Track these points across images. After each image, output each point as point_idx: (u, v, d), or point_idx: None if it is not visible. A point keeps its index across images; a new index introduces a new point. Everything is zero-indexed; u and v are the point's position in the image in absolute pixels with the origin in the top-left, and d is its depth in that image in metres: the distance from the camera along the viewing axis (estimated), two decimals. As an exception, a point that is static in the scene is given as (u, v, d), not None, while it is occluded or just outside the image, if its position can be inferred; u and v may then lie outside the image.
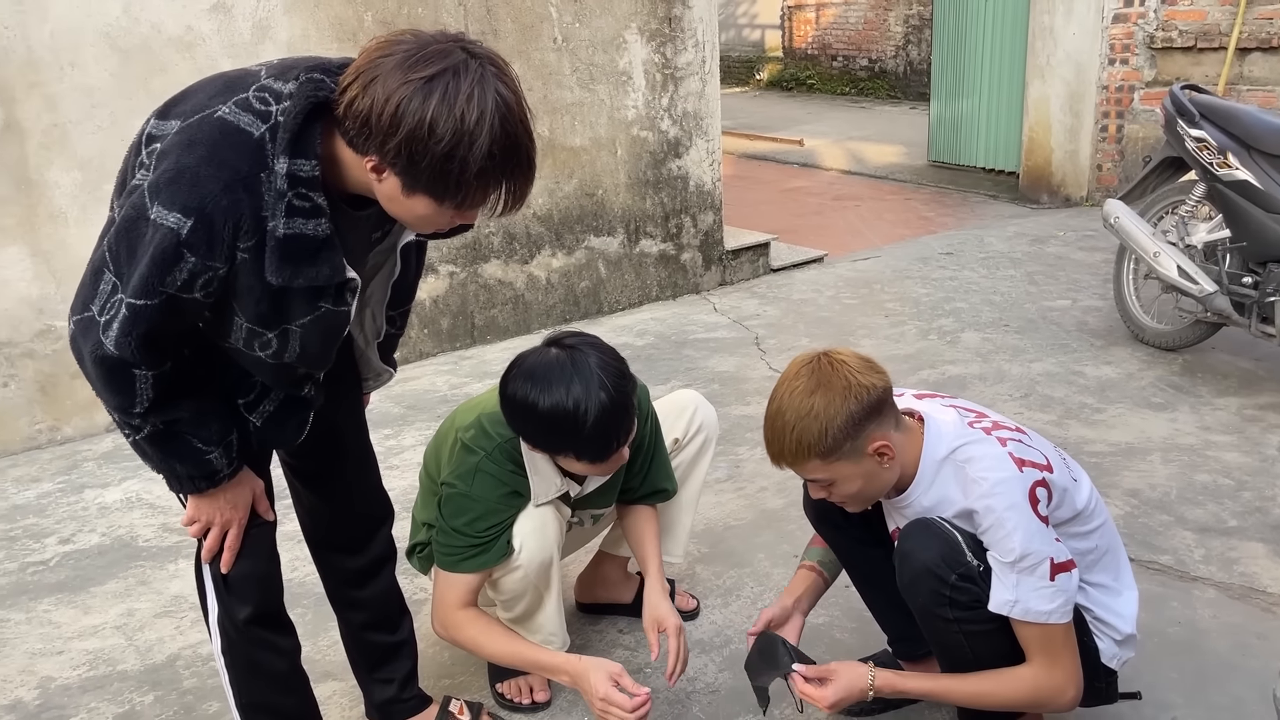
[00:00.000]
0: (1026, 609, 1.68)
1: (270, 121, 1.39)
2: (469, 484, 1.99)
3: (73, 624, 2.61)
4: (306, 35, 3.91)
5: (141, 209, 1.36)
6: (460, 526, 1.98)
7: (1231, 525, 2.80)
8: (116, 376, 1.43)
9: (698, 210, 5.22)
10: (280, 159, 1.37)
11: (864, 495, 1.80)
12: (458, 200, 1.38)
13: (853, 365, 1.73)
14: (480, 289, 4.59)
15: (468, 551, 1.99)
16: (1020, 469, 1.70)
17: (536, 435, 1.92)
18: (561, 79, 4.58)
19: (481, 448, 2.00)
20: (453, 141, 1.31)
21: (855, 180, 8.19)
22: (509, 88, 1.36)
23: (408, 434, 3.68)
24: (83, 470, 3.52)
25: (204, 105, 1.41)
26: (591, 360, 1.86)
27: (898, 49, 13.07)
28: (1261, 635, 2.33)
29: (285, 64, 1.47)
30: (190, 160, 1.36)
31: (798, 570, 2.12)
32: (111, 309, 1.39)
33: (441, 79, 1.31)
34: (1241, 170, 3.53)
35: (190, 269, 1.37)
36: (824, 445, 1.69)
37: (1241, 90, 5.92)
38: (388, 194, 1.41)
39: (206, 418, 1.55)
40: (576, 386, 1.83)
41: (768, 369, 4.14)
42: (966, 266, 5.51)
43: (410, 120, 1.30)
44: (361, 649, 2.07)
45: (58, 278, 3.61)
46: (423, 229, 1.52)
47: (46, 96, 3.49)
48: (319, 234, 1.42)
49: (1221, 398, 3.66)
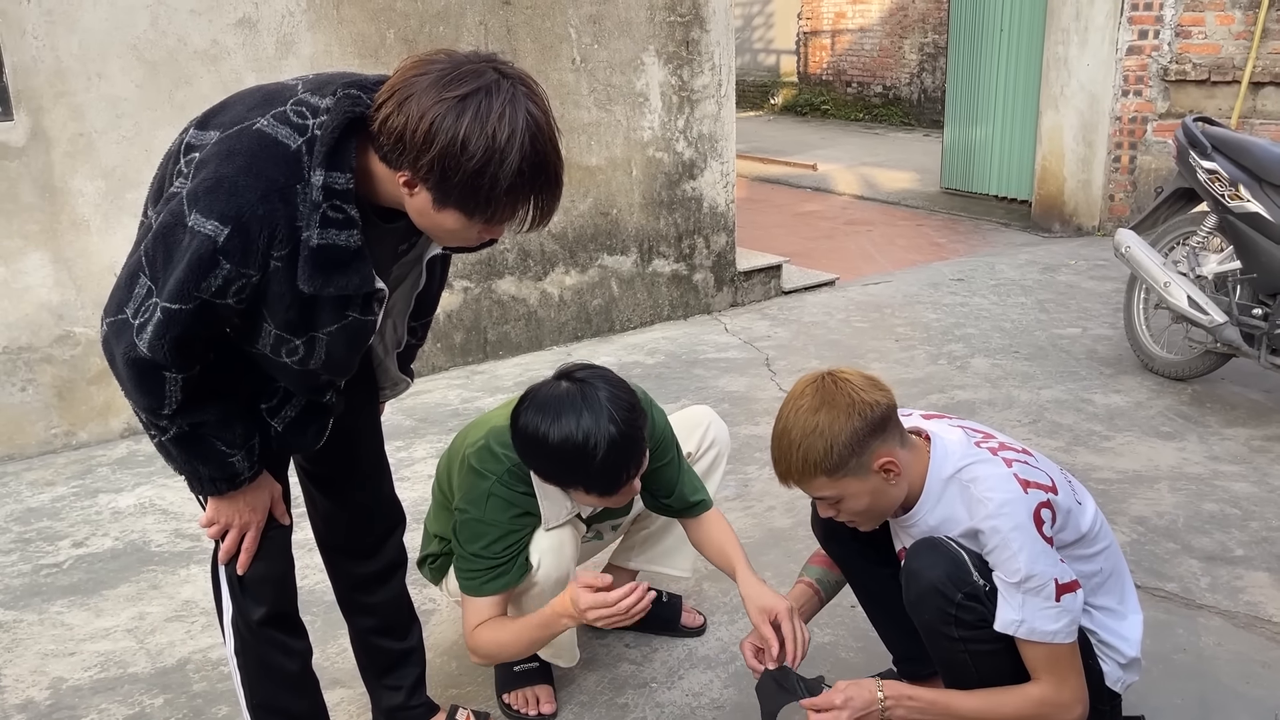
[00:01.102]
0: (1032, 629, 1.69)
1: (307, 135, 1.43)
2: (481, 509, 1.99)
3: (85, 626, 2.64)
4: (330, 51, 3.97)
5: (180, 216, 1.40)
6: (478, 551, 1.99)
7: (1238, 554, 2.80)
8: (148, 378, 1.47)
9: (711, 231, 5.26)
10: (317, 171, 1.41)
11: (872, 513, 1.81)
12: (487, 216, 1.42)
13: (856, 383, 1.75)
14: (494, 304, 4.63)
15: (488, 574, 2.00)
16: (1025, 490, 1.72)
17: (547, 469, 1.93)
18: (579, 99, 4.64)
19: (491, 471, 2.00)
20: (484, 159, 1.35)
21: (868, 205, 8.23)
22: (539, 107, 1.40)
23: (419, 446, 3.71)
24: (97, 475, 3.56)
25: (243, 117, 1.46)
26: (601, 394, 1.87)
27: (912, 76, 13.14)
28: (1266, 664, 2.33)
29: (321, 79, 1.52)
30: (229, 170, 1.40)
31: (796, 584, 2.13)
32: (146, 312, 1.43)
33: (474, 98, 1.35)
34: (1253, 203, 3.55)
35: (225, 275, 1.41)
36: (830, 462, 1.71)
37: (1254, 124, 5.95)
38: (418, 208, 1.44)
39: (231, 421, 1.58)
40: (586, 419, 1.84)
41: (777, 390, 4.16)
42: (977, 293, 5.53)
43: (444, 137, 1.34)
44: (370, 655, 2.09)
45: (78, 285, 3.66)
46: (450, 243, 1.56)
47: (73, 106, 3.56)
48: (351, 245, 1.46)
49: (1230, 428, 3.67)
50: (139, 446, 3.77)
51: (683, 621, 2.51)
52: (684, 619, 2.51)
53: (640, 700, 2.28)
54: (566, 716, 2.25)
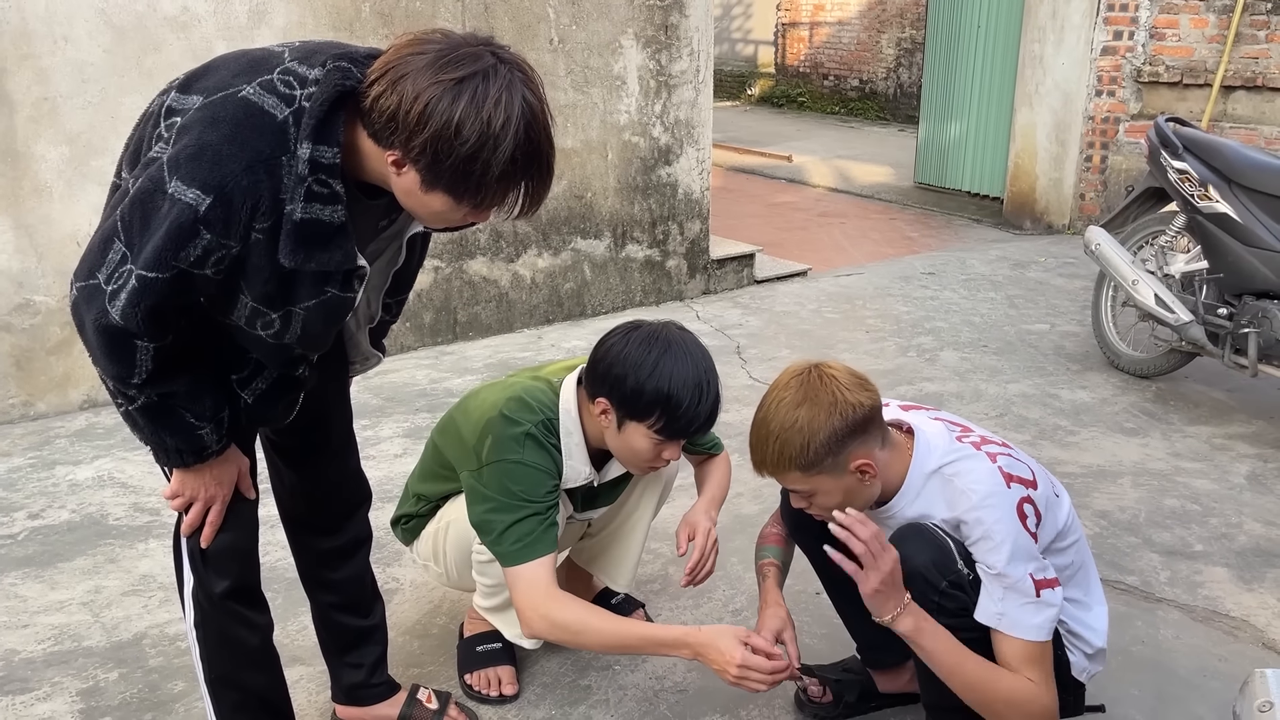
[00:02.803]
0: (1015, 622, 1.69)
1: (294, 106, 1.40)
2: (521, 451, 1.92)
3: (39, 599, 2.59)
4: (303, 22, 3.91)
5: (159, 182, 1.37)
6: (524, 494, 1.89)
7: (1197, 550, 2.84)
8: (118, 346, 1.43)
9: (685, 218, 5.25)
10: (304, 144, 1.38)
11: (846, 507, 1.77)
12: (476, 200, 1.40)
13: (843, 381, 1.72)
14: (465, 285, 4.59)
15: (538, 523, 1.89)
16: (1009, 485, 1.72)
17: (637, 386, 1.86)
18: (556, 80, 4.60)
19: (527, 419, 1.95)
20: (478, 144, 1.33)
21: (842, 198, 8.25)
22: (535, 94, 1.38)
23: (386, 425, 3.67)
24: (55, 447, 3.49)
25: (227, 83, 1.42)
26: (706, 351, 1.96)
27: (889, 71, 13.18)
28: (1223, 658, 2.36)
29: (309, 47, 1.48)
30: (213, 138, 1.37)
31: (769, 570, 2.07)
32: (120, 279, 1.39)
33: (471, 82, 1.32)
34: (1221, 203, 3.59)
35: (205, 245, 1.37)
36: (805, 459, 1.69)
37: (1225, 127, 6.01)
38: (405, 188, 1.42)
39: (201, 393, 1.55)
40: (695, 352, 1.91)
41: (748, 378, 4.16)
42: (948, 287, 5.56)
43: (438, 120, 1.32)
44: (332, 632, 2.06)
45: (39, 252, 3.59)
46: (434, 224, 1.53)
47: (38, 70, 3.47)
48: (335, 220, 1.43)
49: (1193, 425, 3.71)
50: (98, 419, 3.71)
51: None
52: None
53: (603, 683, 2.27)
54: (529, 698, 2.23)
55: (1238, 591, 2.63)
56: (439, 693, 2.17)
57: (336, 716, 2.14)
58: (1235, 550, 2.84)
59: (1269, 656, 2.36)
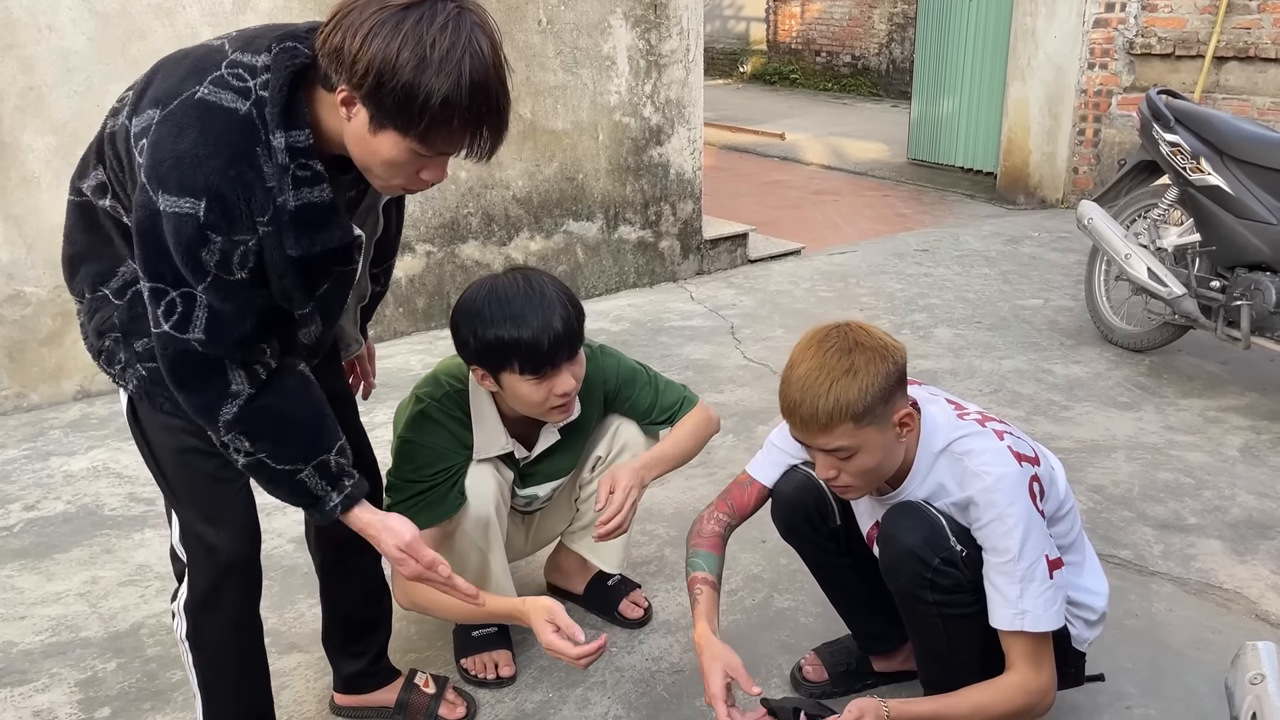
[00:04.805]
0: (1037, 618, 1.68)
1: (252, 97, 1.39)
2: (415, 430, 2.03)
3: (36, 590, 2.59)
4: (288, 6, 3.88)
5: (150, 204, 1.37)
6: (409, 474, 2.00)
7: (1191, 523, 2.85)
8: (207, 372, 1.46)
9: (677, 198, 5.23)
10: (276, 134, 1.38)
11: (876, 473, 1.74)
12: (420, 131, 1.35)
13: (878, 332, 1.72)
14: (457, 269, 4.57)
15: (420, 501, 2.00)
16: (1020, 464, 1.71)
17: (479, 341, 1.91)
18: (545, 61, 4.57)
19: (428, 395, 2.05)
20: (418, 66, 1.29)
21: (835, 175, 8.23)
22: (485, 34, 1.35)
23: (380, 411, 3.66)
24: (49, 438, 3.49)
25: (178, 89, 1.40)
26: (544, 279, 1.94)
27: (881, 47, 13.11)
28: (1216, 630, 2.37)
29: (247, 35, 1.46)
30: (185, 145, 1.36)
31: (702, 589, 1.92)
32: (180, 308, 1.41)
33: (416, 9, 1.31)
34: (1214, 176, 3.58)
35: (221, 248, 1.38)
36: (861, 405, 1.63)
37: (1217, 98, 5.99)
38: (357, 134, 1.39)
39: (290, 431, 1.56)
40: (523, 287, 1.91)
41: (742, 358, 4.16)
42: (941, 264, 5.56)
43: (380, 43, 1.29)
44: (341, 622, 2.07)
45: (28, 243, 3.57)
46: (391, 180, 1.47)
47: (23, 59, 3.45)
48: (324, 199, 1.44)
49: (1186, 399, 3.72)
50: (92, 409, 3.70)
51: (619, 609, 2.43)
52: (621, 607, 2.43)
53: (600, 664, 2.28)
54: (526, 681, 2.24)
55: (1231, 564, 2.64)
56: (436, 677, 2.17)
57: (335, 704, 2.15)
58: (1228, 523, 2.85)
59: (1261, 628, 2.38)
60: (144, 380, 1.58)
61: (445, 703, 2.12)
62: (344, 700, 2.13)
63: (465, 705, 2.13)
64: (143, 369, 1.57)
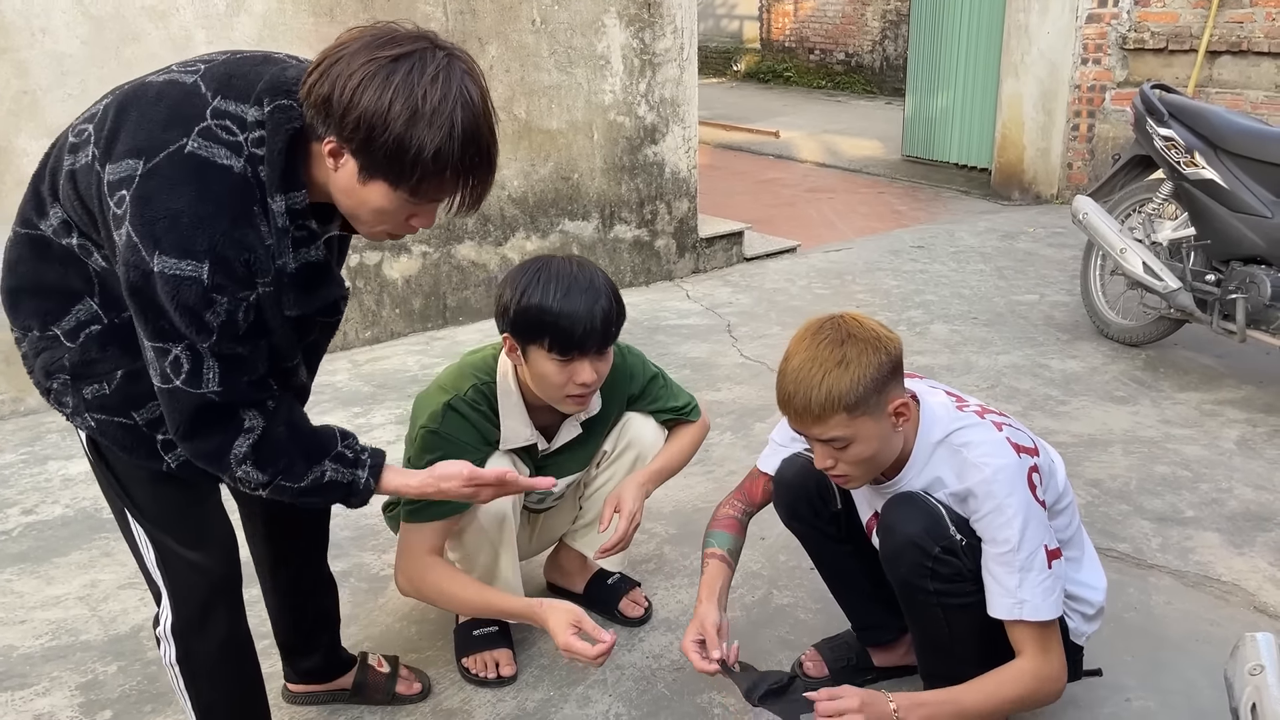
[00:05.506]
0: (1036, 608, 1.69)
1: (244, 153, 1.36)
2: (439, 422, 2.03)
3: (35, 594, 2.59)
4: (282, 9, 3.88)
5: (142, 265, 1.32)
6: (431, 463, 1.96)
7: (1188, 515, 2.86)
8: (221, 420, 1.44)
9: (673, 197, 5.23)
10: (276, 198, 1.37)
11: (873, 462, 1.75)
12: (412, 184, 1.34)
13: (871, 323, 1.73)
14: (453, 270, 4.57)
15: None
16: (1019, 455, 1.72)
17: (519, 306, 1.92)
18: (539, 61, 4.57)
19: (455, 388, 2.06)
20: (410, 120, 1.28)
21: (829, 173, 8.23)
22: (474, 82, 1.34)
23: (377, 413, 3.67)
24: (46, 442, 3.48)
25: (162, 140, 1.35)
26: (597, 270, 1.98)
27: (874, 44, 13.12)
28: (1214, 622, 2.38)
29: (220, 74, 1.41)
30: (182, 203, 1.32)
31: (710, 561, 1.99)
32: (188, 365, 1.38)
33: (407, 60, 1.30)
34: (1208, 170, 3.59)
35: (226, 309, 1.36)
36: (854, 396, 1.65)
37: (1210, 93, 6.00)
38: (344, 185, 1.38)
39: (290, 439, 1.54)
40: (575, 270, 1.93)
41: (739, 356, 4.17)
42: (937, 260, 5.57)
43: (371, 94, 1.28)
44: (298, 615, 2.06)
45: (24, 247, 3.56)
46: (377, 226, 1.44)
47: (16, 62, 3.44)
48: (320, 258, 1.45)
49: (1182, 392, 3.73)
50: (90, 413, 3.69)
51: (619, 608, 2.43)
52: (621, 606, 2.43)
53: (601, 663, 2.28)
54: (526, 679, 2.24)
55: (1228, 556, 2.65)
56: (388, 657, 2.21)
57: (288, 691, 2.15)
58: (1226, 515, 2.86)
59: (1260, 620, 2.38)
60: (94, 430, 1.53)
61: (401, 680, 2.16)
62: (298, 688, 2.14)
63: (420, 683, 2.17)
64: (91, 419, 1.52)
